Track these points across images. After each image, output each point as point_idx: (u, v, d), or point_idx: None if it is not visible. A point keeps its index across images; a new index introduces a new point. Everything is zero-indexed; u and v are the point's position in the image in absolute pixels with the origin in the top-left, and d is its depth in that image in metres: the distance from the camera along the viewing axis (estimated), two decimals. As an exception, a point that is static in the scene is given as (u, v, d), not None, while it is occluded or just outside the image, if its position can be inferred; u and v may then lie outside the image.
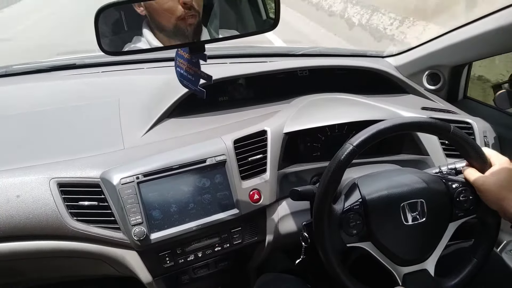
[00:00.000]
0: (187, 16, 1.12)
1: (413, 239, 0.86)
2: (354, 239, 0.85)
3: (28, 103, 1.17)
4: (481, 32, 1.20)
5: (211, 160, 1.01)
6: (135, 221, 0.94)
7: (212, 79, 0.82)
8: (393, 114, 1.16)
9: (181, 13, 1.11)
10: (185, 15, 1.11)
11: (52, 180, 0.95)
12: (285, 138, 1.10)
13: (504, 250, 1.11)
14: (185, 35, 1.16)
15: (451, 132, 0.84)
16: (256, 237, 1.09)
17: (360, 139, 0.82)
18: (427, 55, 1.41)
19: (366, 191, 0.86)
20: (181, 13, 1.11)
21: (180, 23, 1.13)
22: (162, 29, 1.20)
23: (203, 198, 1.00)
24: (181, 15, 1.11)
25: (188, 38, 1.18)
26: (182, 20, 1.12)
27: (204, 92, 0.84)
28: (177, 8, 1.11)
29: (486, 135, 1.19)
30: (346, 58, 1.54)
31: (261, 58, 1.49)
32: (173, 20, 1.13)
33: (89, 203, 0.95)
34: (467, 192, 0.87)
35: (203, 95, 0.83)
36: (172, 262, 1.02)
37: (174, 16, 1.12)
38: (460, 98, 1.46)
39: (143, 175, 0.96)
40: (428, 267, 0.86)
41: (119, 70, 1.36)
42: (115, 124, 1.12)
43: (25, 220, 0.93)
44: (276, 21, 0.88)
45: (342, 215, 0.85)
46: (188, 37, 1.18)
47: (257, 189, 1.04)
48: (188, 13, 1.12)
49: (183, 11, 1.11)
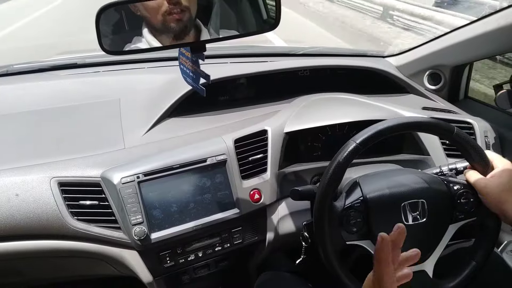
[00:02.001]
0: (173, 11, 1.12)
1: (412, 239, 0.85)
2: (354, 237, 0.85)
3: (28, 102, 1.17)
4: (482, 32, 1.20)
5: (212, 159, 1.01)
6: (135, 220, 0.94)
7: (210, 78, 0.83)
8: (394, 114, 1.16)
9: (166, 9, 1.12)
10: (170, 11, 1.11)
11: (52, 179, 0.95)
12: (286, 138, 1.10)
13: (505, 251, 1.11)
14: (173, 32, 1.16)
15: (454, 133, 0.84)
16: (257, 237, 1.09)
17: (363, 136, 0.82)
18: (428, 55, 1.41)
19: (367, 189, 0.86)
20: (166, 8, 1.11)
21: (167, 19, 1.13)
22: (153, 27, 1.20)
23: (203, 197, 1.00)
24: (167, 10, 1.12)
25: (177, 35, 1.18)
26: (169, 16, 1.12)
27: (204, 91, 0.84)
28: (163, 4, 1.11)
29: (487, 135, 1.19)
30: (347, 58, 1.54)
31: (262, 58, 1.49)
32: (159, 16, 1.14)
33: (90, 203, 0.95)
34: (468, 194, 0.86)
35: (203, 93, 0.84)
36: (173, 262, 1.02)
37: (161, 12, 1.13)
38: (461, 98, 1.46)
39: (144, 174, 0.96)
40: (427, 268, 0.86)
41: (120, 69, 1.36)
42: (116, 123, 1.12)
43: (25, 220, 0.93)
44: (276, 21, 0.88)
45: (343, 212, 0.84)
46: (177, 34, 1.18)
47: (258, 189, 1.04)
48: (174, 8, 1.12)
49: (168, 6, 1.11)
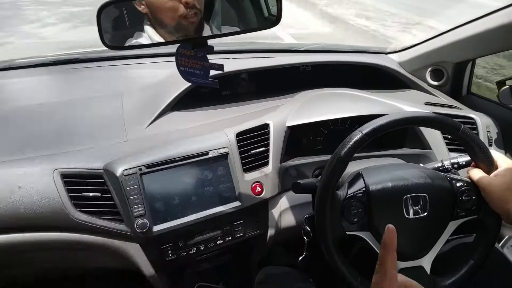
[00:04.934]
0: (189, 15, 1.13)
1: (412, 233, 0.85)
2: (354, 227, 0.85)
3: (31, 96, 1.17)
4: (484, 29, 1.20)
5: (214, 152, 1.02)
6: (138, 212, 0.94)
7: (223, 67, 0.83)
8: (396, 109, 1.16)
9: (183, 12, 1.13)
10: (187, 14, 1.13)
11: (55, 171, 0.96)
12: (288, 132, 1.10)
13: (506, 245, 1.11)
14: (187, 32, 1.18)
15: (460, 131, 0.84)
16: (258, 230, 1.10)
17: (370, 127, 0.82)
18: (430, 52, 1.41)
19: (370, 181, 0.86)
20: (183, 12, 1.13)
21: (182, 21, 1.15)
22: (164, 26, 1.21)
23: (205, 190, 1.01)
24: (183, 13, 1.13)
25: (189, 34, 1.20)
26: (184, 18, 1.14)
27: (217, 82, 0.84)
28: (179, 7, 1.13)
29: (489, 130, 1.19)
30: (349, 54, 1.54)
31: (264, 54, 1.49)
32: (175, 18, 1.15)
33: (93, 194, 0.95)
34: (470, 192, 0.86)
35: (216, 85, 0.84)
36: (175, 255, 1.02)
37: (177, 14, 1.14)
38: (464, 94, 1.46)
39: (146, 166, 0.96)
40: (425, 264, 0.86)
41: (122, 64, 1.36)
42: (118, 116, 1.12)
43: (29, 211, 0.93)
44: (278, 18, 0.88)
45: (345, 201, 0.84)
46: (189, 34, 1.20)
47: (259, 182, 1.05)
48: (190, 12, 1.13)
49: (185, 10, 1.13)
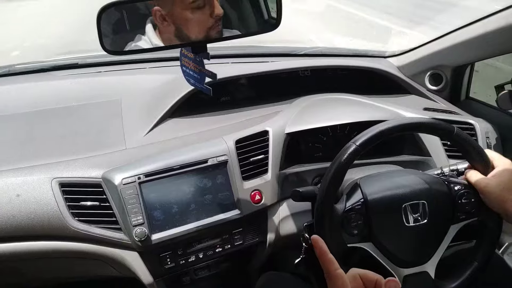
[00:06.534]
0: (216, 25, 1.15)
1: (414, 241, 0.85)
2: (355, 239, 0.85)
3: (30, 103, 1.17)
4: (483, 32, 1.20)
5: (213, 160, 1.01)
6: (136, 221, 0.94)
7: (216, 76, 0.84)
8: (395, 115, 1.15)
9: (212, 24, 1.14)
10: (214, 25, 1.14)
11: (54, 180, 0.95)
12: (287, 139, 1.10)
13: (506, 252, 1.11)
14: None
15: (454, 133, 0.84)
16: (257, 238, 1.09)
17: (363, 138, 0.82)
18: (429, 56, 1.40)
19: (368, 191, 0.86)
20: (212, 24, 1.14)
21: (211, 33, 1.16)
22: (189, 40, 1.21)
23: (204, 198, 1.00)
24: (212, 25, 1.14)
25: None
26: (211, 29, 1.15)
27: (211, 90, 0.85)
28: (208, 20, 1.14)
29: (488, 135, 1.19)
30: (348, 58, 1.54)
31: (263, 58, 1.49)
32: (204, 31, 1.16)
33: (91, 203, 0.95)
34: (469, 195, 0.86)
35: (209, 92, 0.85)
36: (173, 263, 1.01)
37: (206, 27, 1.15)
38: (463, 99, 1.46)
39: (145, 175, 0.96)
40: (429, 269, 0.86)
41: (121, 69, 1.36)
42: (117, 124, 1.12)
43: (26, 220, 0.93)
44: (278, 21, 0.88)
45: (344, 214, 0.84)
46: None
47: (259, 190, 1.04)
48: (218, 22, 1.14)
49: (214, 22, 1.14)
